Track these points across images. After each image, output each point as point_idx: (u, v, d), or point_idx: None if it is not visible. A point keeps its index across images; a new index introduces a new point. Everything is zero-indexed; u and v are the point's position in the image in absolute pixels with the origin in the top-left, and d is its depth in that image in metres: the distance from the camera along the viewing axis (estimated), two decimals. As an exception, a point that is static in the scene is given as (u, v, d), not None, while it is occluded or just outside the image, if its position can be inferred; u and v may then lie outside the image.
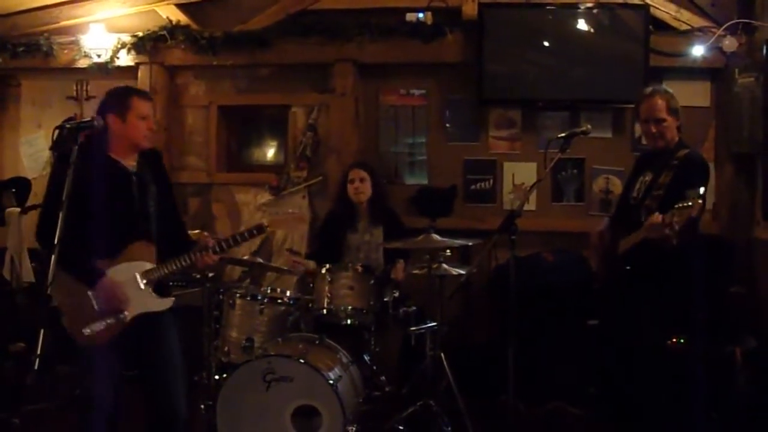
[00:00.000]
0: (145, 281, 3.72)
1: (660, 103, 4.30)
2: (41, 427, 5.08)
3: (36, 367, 2.94)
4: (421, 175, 6.74)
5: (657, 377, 4.28)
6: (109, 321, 3.61)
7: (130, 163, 3.78)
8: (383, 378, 4.99)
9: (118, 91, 3.81)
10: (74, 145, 3.23)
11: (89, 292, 3.60)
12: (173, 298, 3.85)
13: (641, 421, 4.33)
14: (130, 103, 3.71)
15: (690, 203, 3.72)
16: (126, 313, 3.65)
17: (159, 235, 3.84)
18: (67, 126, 3.27)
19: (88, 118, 3.45)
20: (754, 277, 5.82)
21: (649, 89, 4.45)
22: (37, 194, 6.60)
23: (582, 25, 6.15)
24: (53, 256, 3.08)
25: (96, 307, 3.60)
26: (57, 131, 3.22)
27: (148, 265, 3.74)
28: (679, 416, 4.28)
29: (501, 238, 4.42)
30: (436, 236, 4.80)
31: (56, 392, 5.37)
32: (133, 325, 3.68)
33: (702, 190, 3.80)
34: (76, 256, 3.51)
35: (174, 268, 3.80)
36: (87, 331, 3.57)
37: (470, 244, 4.93)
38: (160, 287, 3.81)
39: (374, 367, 4.92)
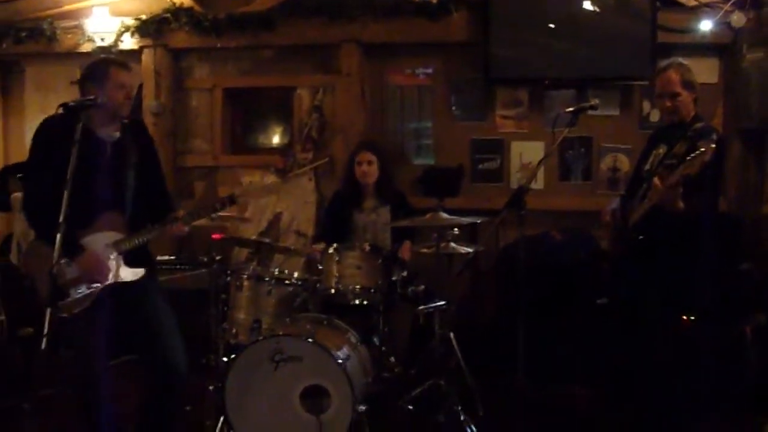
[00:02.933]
0: (115, 252, 3.76)
1: (674, 76, 4.24)
2: (52, 412, 5.07)
3: (43, 347, 2.91)
4: (428, 155, 6.71)
5: (667, 356, 4.25)
6: (82, 290, 3.65)
7: (110, 133, 3.83)
8: (392, 359, 4.98)
9: (96, 63, 3.87)
10: (77, 124, 3.20)
11: (62, 261, 3.56)
12: (143, 269, 3.88)
13: (651, 400, 4.30)
14: (109, 74, 3.74)
15: (703, 149, 3.68)
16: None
17: (142, 206, 3.89)
18: (71, 104, 3.25)
19: (91, 96, 3.43)
20: (764, 254, 5.78)
21: (664, 63, 4.39)
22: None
23: (589, 1, 6.08)
24: (58, 235, 3.06)
25: (73, 276, 3.64)
26: (61, 109, 3.19)
27: (118, 236, 3.79)
28: (689, 395, 4.26)
29: (509, 214, 4.37)
30: (443, 214, 4.78)
31: (66, 377, 5.36)
32: (109, 297, 3.70)
33: (715, 136, 3.77)
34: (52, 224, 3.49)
35: (144, 238, 3.83)
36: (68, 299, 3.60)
37: (478, 221, 4.90)
38: (135, 257, 3.84)
39: (383, 348, 4.90)
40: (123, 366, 4.00)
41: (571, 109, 4.40)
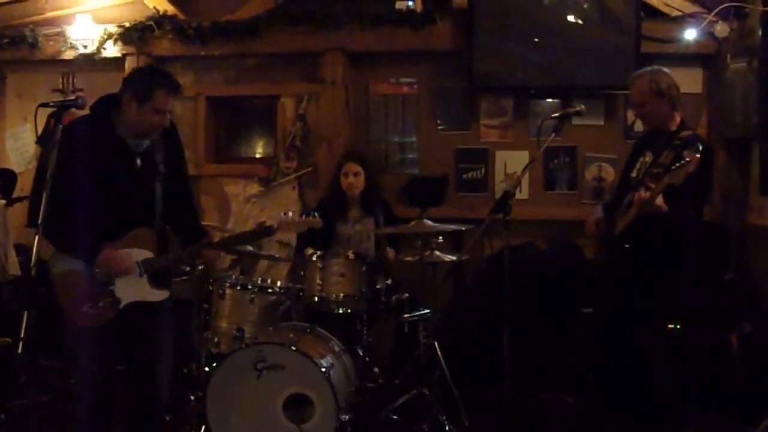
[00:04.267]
0: (142, 270, 3.64)
1: (642, 85, 4.26)
2: (29, 423, 5.00)
3: (20, 350, 2.85)
4: (412, 165, 6.67)
5: (652, 364, 4.22)
6: (103, 303, 3.56)
7: (140, 141, 3.64)
8: (376, 370, 4.94)
9: (146, 75, 3.67)
10: (59, 124, 3.15)
11: (87, 273, 3.55)
12: (169, 291, 3.77)
13: (636, 408, 4.27)
14: (152, 95, 3.51)
15: (687, 159, 3.66)
16: (120, 298, 3.60)
17: (165, 217, 3.76)
18: (51, 103, 3.20)
19: (73, 97, 3.37)
20: (748, 263, 5.79)
21: (636, 72, 4.39)
22: (23, 188, 6.52)
23: (573, 11, 6.09)
24: (37, 234, 3.00)
25: (94, 282, 3.55)
26: (40, 108, 3.15)
27: (148, 254, 3.66)
28: (675, 402, 4.24)
29: (495, 221, 4.34)
30: (428, 222, 4.75)
31: (44, 387, 5.30)
32: (126, 313, 3.62)
33: (700, 146, 3.75)
34: (73, 235, 3.43)
35: (175, 259, 3.73)
36: (85, 308, 3.51)
37: (463, 228, 4.87)
38: (158, 277, 3.71)
39: (367, 359, 4.87)
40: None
41: (557, 114, 4.39)
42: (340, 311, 4.80)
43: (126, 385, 3.82)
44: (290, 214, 4.09)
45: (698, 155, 3.69)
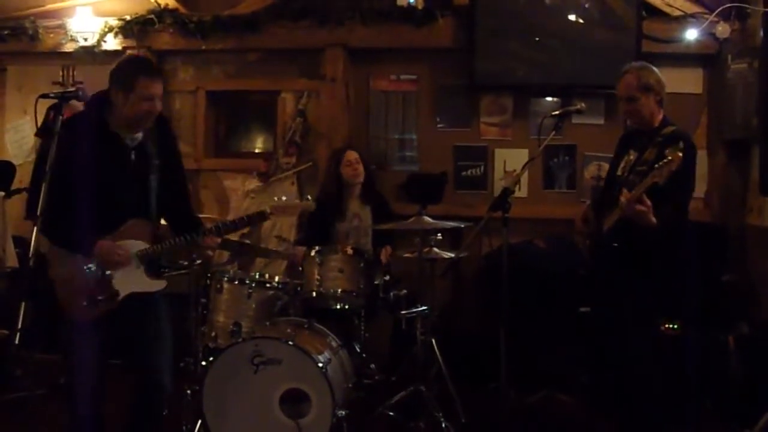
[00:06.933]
0: (138, 261, 3.65)
1: (630, 80, 4.20)
2: (24, 416, 4.99)
3: (17, 341, 2.84)
4: (412, 162, 6.68)
5: (649, 363, 4.21)
6: (102, 297, 3.56)
7: (133, 135, 3.65)
8: (373, 366, 4.93)
9: (125, 66, 3.64)
10: (59, 115, 3.15)
11: (84, 267, 3.55)
12: (165, 281, 3.78)
13: (633, 408, 4.26)
14: (135, 84, 3.52)
15: (669, 158, 3.65)
16: (118, 290, 3.60)
17: (161, 208, 3.78)
18: (51, 95, 3.20)
19: (73, 89, 3.36)
20: (747, 264, 5.79)
21: (624, 67, 4.35)
22: (22, 180, 6.51)
23: (574, 10, 6.10)
24: (35, 227, 2.98)
25: (91, 276, 3.56)
26: (40, 100, 3.13)
27: (143, 245, 3.67)
28: (672, 403, 4.23)
29: (493, 219, 4.33)
30: (427, 218, 4.74)
31: (39, 380, 5.29)
32: (122, 305, 3.62)
33: (681, 144, 3.73)
34: (69, 230, 3.42)
35: (170, 248, 3.72)
36: (85, 303, 3.52)
37: (462, 226, 4.85)
38: (153, 268, 3.72)
39: (364, 355, 4.86)
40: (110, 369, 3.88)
41: (557, 112, 4.38)
42: (338, 307, 4.78)
43: (123, 379, 3.80)
44: (284, 198, 4.08)
45: (680, 153, 3.67)
